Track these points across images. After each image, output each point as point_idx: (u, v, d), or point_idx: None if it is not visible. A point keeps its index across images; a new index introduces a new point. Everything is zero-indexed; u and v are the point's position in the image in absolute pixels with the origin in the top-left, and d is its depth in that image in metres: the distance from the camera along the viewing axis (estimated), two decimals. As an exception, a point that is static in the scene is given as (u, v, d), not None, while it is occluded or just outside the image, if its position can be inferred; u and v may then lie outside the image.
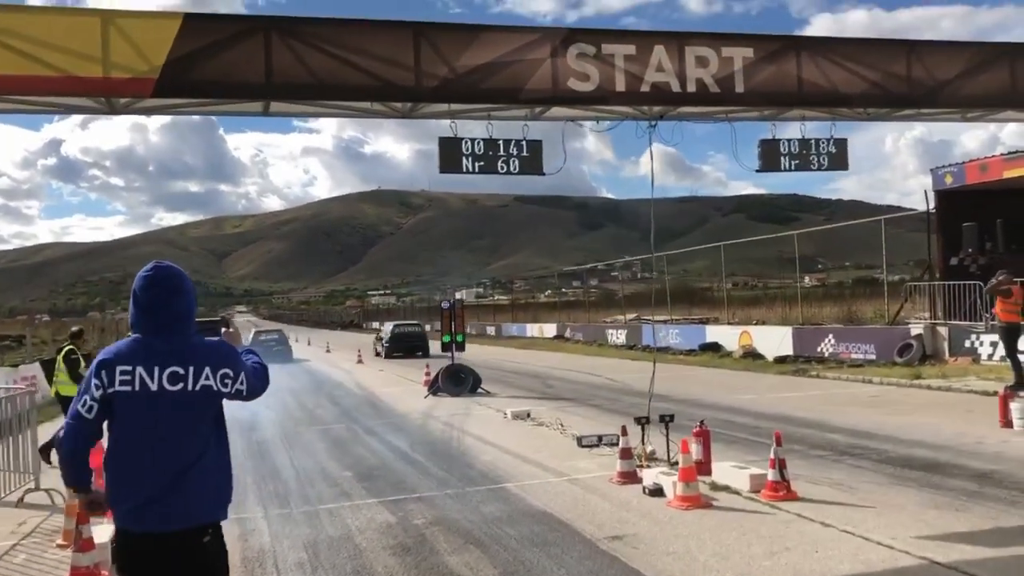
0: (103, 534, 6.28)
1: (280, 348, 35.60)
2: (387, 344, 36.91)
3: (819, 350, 24.55)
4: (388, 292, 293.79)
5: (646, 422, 9.80)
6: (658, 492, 8.38)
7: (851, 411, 14.17)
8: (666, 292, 38.96)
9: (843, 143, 10.74)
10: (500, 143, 9.61)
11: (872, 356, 22.50)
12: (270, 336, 37.81)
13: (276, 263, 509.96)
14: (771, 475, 8.11)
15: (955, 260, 22.61)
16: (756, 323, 30.65)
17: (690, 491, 7.94)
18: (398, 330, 38.20)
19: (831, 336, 24.61)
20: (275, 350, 33.88)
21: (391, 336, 37.42)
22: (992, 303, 15.84)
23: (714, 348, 29.13)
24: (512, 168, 9.66)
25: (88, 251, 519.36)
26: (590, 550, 6.76)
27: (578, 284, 66.81)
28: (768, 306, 35.50)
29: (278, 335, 38.48)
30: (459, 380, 19.25)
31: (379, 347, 38.07)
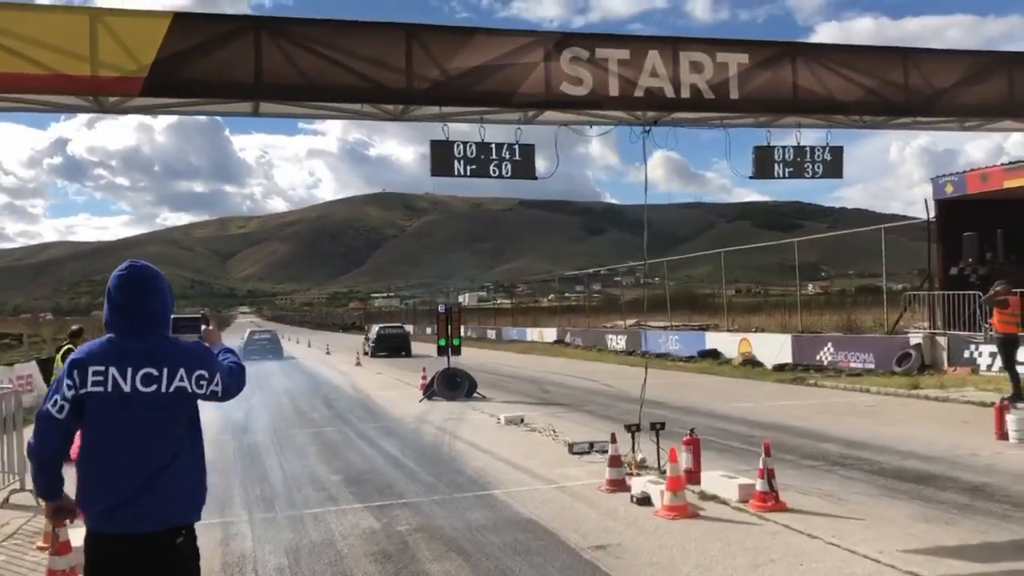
0: (81, 537, 6.22)
1: (272, 346, 40.80)
2: (373, 344, 40.66)
3: (818, 358, 24.45)
4: (391, 295, 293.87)
5: (636, 430, 9.74)
6: (646, 501, 8.30)
7: (847, 421, 14.07)
8: (667, 298, 38.91)
9: (838, 151, 10.66)
10: (492, 147, 9.54)
11: (871, 365, 22.39)
12: (263, 336, 43.13)
13: (280, 264, 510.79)
14: (759, 485, 8.02)
15: (955, 270, 22.50)
16: (756, 330, 30.55)
17: (677, 501, 7.85)
18: (383, 331, 42.29)
19: (830, 344, 24.50)
20: (268, 348, 40.23)
21: (377, 337, 41.33)
22: (990, 314, 15.76)
23: (713, 355, 29.03)
24: (504, 172, 9.59)
25: (93, 250, 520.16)
26: (573, 559, 6.68)
27: (581, 289, 66.64)
28: (768, 313, 35.36)
29: (270, 335, 43.73)
30: (455, 384, 19.18)
31: (367, 347, 41.39)
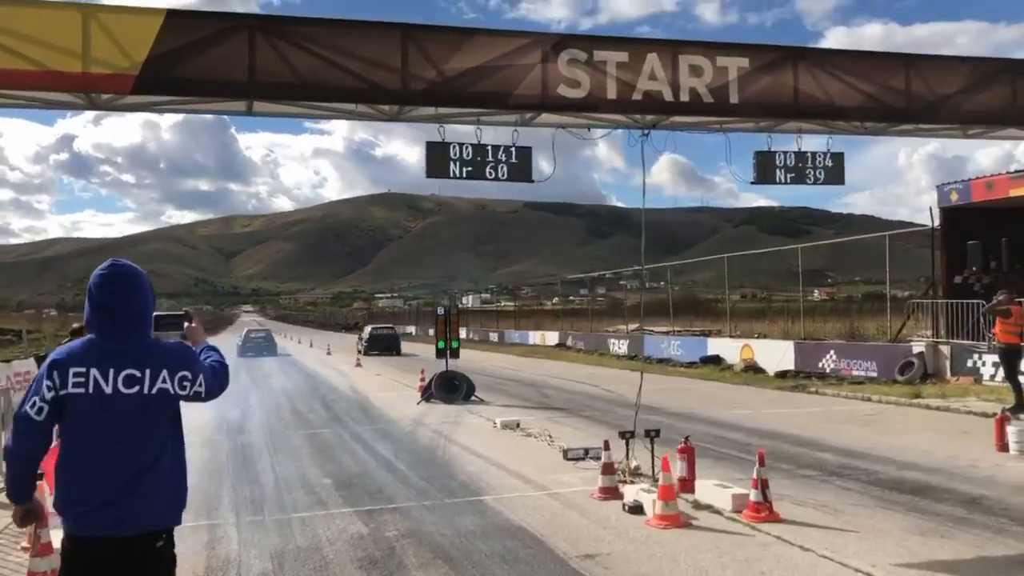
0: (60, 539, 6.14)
1: (267, 344, 44.92)
2: (366, 343, 43.64)
3: (820, 366, 24.30)
4: (395, 295, 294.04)
5: (631, 436, 9.61)
6: (638, 509, 8.19)
7: (846, 429, 13.95)
8: (669, 302, 38.76)
9: (839, 157, 10.56)
10: (488, 149, 9.47)
11: (873, 373, 22.24)
12: (259, 334, 46.98)
13: (284, 263, 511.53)
14: (753, 495, 7.91)
15: (959, 278, 22.35)
16: (758, 336, 30.39)
17: (669, 510, 7.74)
18: (375, 332, 45.77)
19: (833, 352, 24.35)
20: (263, 345, 44.36)
21: (369, 337, 44.61)
22: (992, 323, 15.62)
23: (715, 361, 28.88)
24: (500, 175, 9.51)
25: (98, 247, 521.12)
26: (560, 568, 6.57)
27: (585, 292, 66.59)
28: (772, 320, 35.19)
29: (265, 333, 47.82)
30: (453, 387, 19.08)
31: (360, 346, 44.09)
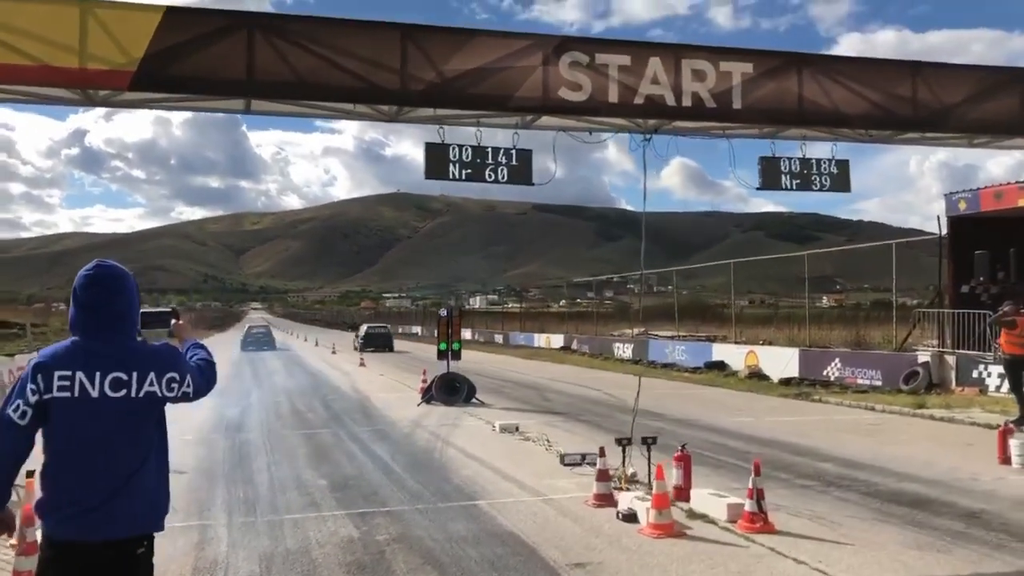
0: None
1: (266, 339, 49.56)
2: (362, 341, 47.45)
3: (825, 373, 24.15)
4: (403, 295, 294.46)
5: (628, 443, 9.53)
6: (632, 517, 8.10)
7: (847, 439, 13.83)
8: (674, 307, 38.65)
9: (844, 164, 10.44)
10: (488, 151, 9.40)
11: (878, 382, 22.08)
12: (259, 330, 51.54)
13: (293, 261, 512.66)
14: (748, 506, 7.81)
15: (966, 288, 22.16)
16: (763, 343, 30.25)
17: (662, 519, 7.65)
18: (370, 331, 50.42)
19: (838, 360, 24.20)
20: (263, 340, 48.95)
21: (365, 335, 48.92)
22: (997, 334, 15.47)
23: (719, 366, 28.74)
24: (500, 177, 9.44)
25: (108, 242, 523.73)
26: (549, 577, 6.49)
27: (591, 295, 66.45)
28: (778, 326, 35.06)
29: (265, 330, 52.62)
30: (453, 389, 19.02)
31: (356, 343, 48.33)
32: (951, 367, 20.82)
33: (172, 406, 3.41)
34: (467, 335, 59.23)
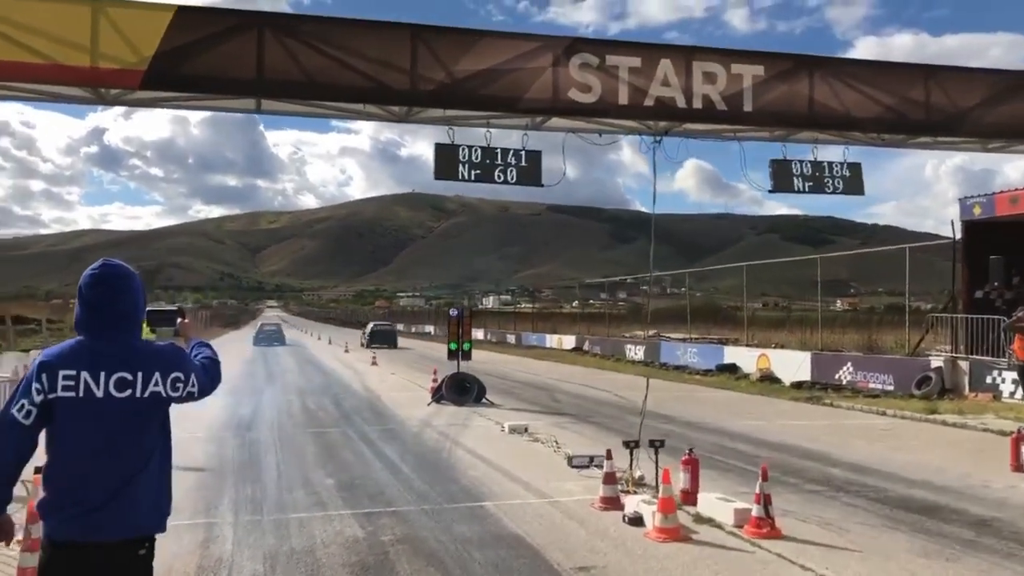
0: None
1: (277, 335, 53.90)
2: (368, 337, 52.30)
3: (837, 377, 24.02)
4: (417, 294, 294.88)
5: (635, 446, 9.49)
6: (638, 521, 8.07)
7: (858, 444, 13.73)
8: (687, 309, 38.53)
9: (857, 167, 10.38)
10: (498, 152, 9.37)
11: (890, 387, 21.95)
12: (271, 327, 56.49)
13: (308, 260, 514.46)
14: (755, 511, 7.76)
15: (980, 293, 22.00)
16: (775, 346, 30.13)
17: (668, 523, 7.61)
18: (375, 328, 55.02)
19: (850, 364, 24.08)
20: (274, 336, 53.29)
21: (371, 332, 53.58)
22: (1011, 339, 15.34)
23: (731, 369, 28.65)
24: (509, 178, 9.40)
25: (125, 240, 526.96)
26: (553, 581, 6.47)
27: (605, 296, 66.33)
28: (790, 330, 34.90)
29: (276, 327, 57.63)
30: (463, 389, 19.01)
31: (363, 340, 53.40)
32: (964, 372, 20.67)
33: (183, 404, 3.42)
34: (479, 335, 59.31)
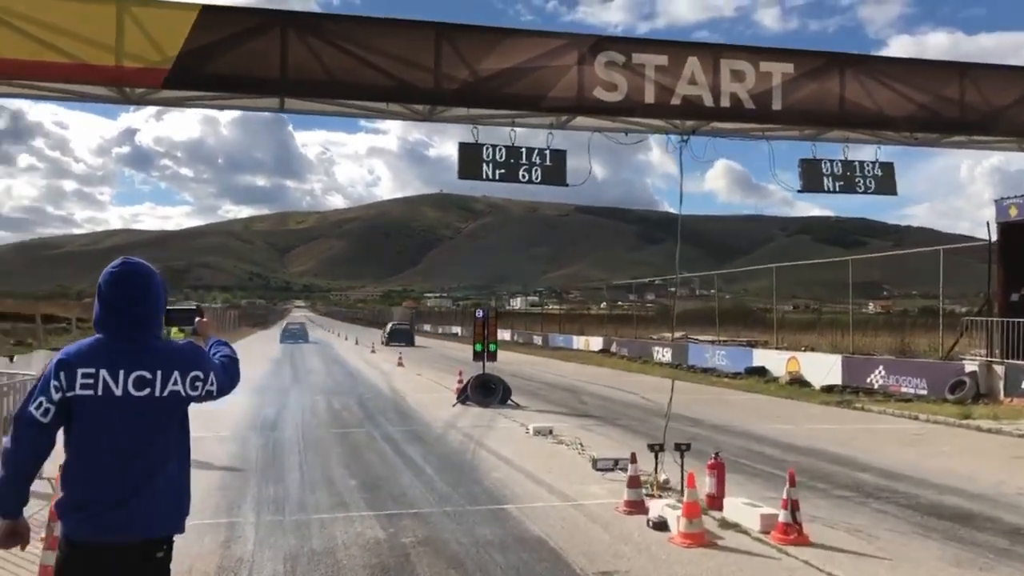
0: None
1: (301, 332, 58.31)
2: (387, 336, 56.50)
3: (868, 381, 23.66)
4: (444, 295, 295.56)
5: (660, 449, 9.36)
6: (663, 526, 7.94)
7: (889, 449, 13.49)
8: (715, 311, 38.21)
9: (889, 167, 10.16)
10: (523, 151, 9.29)
11: (923, 391, 21.57)
12: (295, 326, 61.57)
13: (336, 260, 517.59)
14: (782, 516, 7.61)
15: (1016, 296, 21.56)
16: (805, 349, 29.75)
17: (693, 528, 7.49)
18: (394, 327, 59.20)
19: (881, 368, 23.70)
20: (298, 334, 57.60)
21: (390, 331, 57.86)
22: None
23: (760, 372, 28.34)
24: (534, 177, 9.32)
25: (155, 239, 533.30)
26: (575, 586, 6.37)
27: (633, 298, 66.01)
28: (821, 332, 34.46)
29: (300, 325, 63.02)
30: (489, 391, 18.94)
31: (383, 338, 57.07)
32: (999, 377, 20.26)
33: (202, 403, 3.37)
34: (506, 336, 59.28)
